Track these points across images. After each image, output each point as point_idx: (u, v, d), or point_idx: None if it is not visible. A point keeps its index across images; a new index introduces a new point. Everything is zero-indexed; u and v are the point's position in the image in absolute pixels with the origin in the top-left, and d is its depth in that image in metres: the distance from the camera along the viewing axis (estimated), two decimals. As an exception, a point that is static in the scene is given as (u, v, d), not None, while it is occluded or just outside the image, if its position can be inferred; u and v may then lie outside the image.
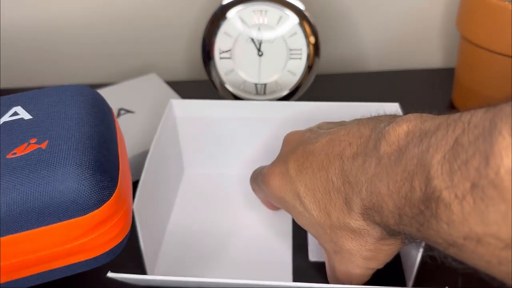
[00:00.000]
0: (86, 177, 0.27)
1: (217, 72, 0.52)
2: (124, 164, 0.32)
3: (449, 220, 0.22)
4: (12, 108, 0.32)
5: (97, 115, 0.32)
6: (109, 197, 0.28)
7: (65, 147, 0.28)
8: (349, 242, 0.29)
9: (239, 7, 0.48)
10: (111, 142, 0.32)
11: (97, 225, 0.28)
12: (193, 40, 0.61)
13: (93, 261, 0.29)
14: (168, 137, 0.43)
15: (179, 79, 0.62)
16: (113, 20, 0.60)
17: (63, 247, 0.28)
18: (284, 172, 0.32)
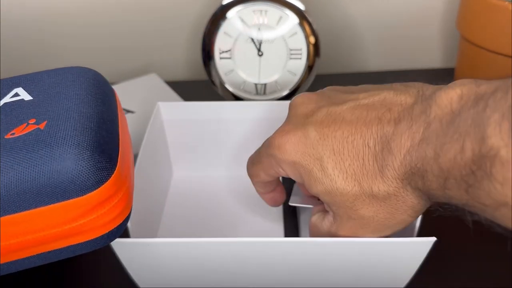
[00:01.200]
0: (84, 157, 0.27)
1: (217, 72, 0.52)
2: (125, 145, 0.32)
3: (504, 179, 0.21)
4: (13, 89, 0.32)
5: (98, 96, 0.32)
6: (108, 178, 0.28)
7: (63, 127, 0.28)
8: (372, 208, 0.28)
9: (239, 7, 0.48)
10: (112, 123, 0.31)
11: (95, 206, 0.28)
12: (193, 40, 0.61)
13: (93, 243, 0.29)
14: (156, 140, 0.43)
15: (179, 79, 0.62)
16: (113, 20, 0.60)
17: (62, 228, 0.27)
18: (301, 136, 0.30)
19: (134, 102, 0.52)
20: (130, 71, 0.62)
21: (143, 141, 0.39)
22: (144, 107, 0.51)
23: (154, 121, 0.42)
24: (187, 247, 0.32)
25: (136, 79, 0.56)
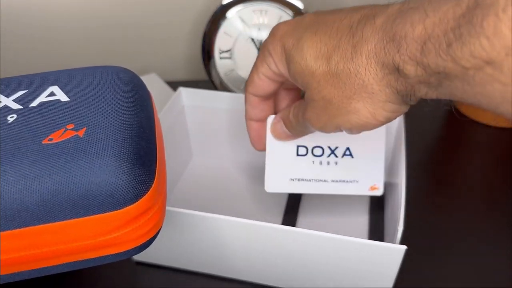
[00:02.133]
0: (124, 170, 0.26)
1: (217, 72, 0.52)
2: (161, 155, 0.31)
3: (495, 32, 0.19)
4: (49, 87, 0.31)
5: (137, 102, 0.31)
6: (146, 192, 0.27)
7: (103, 136, 0.27)
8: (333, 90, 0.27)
9: (239, 7, 0.48)
10: (150, 131, 0.30)
11: (132, 219, 0.27)
12: (193, 40, 0.61)
13: (123, 254, 0.28)
14: (173, 123, 0.44)
15: (179, 79, 0.62)
16: (113, 20, 0.60)
17: (95, 240, 0.27)
18: (297, 20, 0.30)
19: (134, 102, 0.52)
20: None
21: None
22: (144, 107, 0.51)
23: (173, 104, 0.44)
24: (181, 218, 0.33)
25: (136, 79, 0.56)
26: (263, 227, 0.32)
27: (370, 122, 0.27)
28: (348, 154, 0.38)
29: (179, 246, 0.36)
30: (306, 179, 0.38)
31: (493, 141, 0.51)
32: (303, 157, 0.37)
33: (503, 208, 0.43)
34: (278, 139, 0.37)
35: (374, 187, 0.38)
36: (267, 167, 0.37)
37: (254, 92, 0.34)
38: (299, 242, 0.32)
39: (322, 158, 0.38)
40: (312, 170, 0.37)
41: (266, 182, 0.37)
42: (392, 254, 0.31)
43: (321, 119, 0.29)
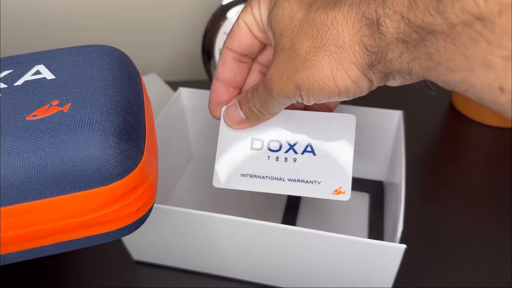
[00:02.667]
0: (110, 144, 0.25)
1: (217, 72, 0.52)
2: (150, 132, 0.30)
3: None
4: (35, 66, 0.30)
5: (124, 78, 0.30)
6: (134, 168, 0.26)
7: (88, 111, 0.26)
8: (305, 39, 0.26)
9: (239, 7, 0.48)
10: (138, 107, 0.29)
11: (120, 196, 0.26)
12: (193, 40, 0.61)
13: (114, 234, 0.28)
14: (172, 123, 0.44)
15: (179, 79, 0.62)
16: (113, 20, 0.60)
17: (83, 218, 0.26)
18: None
19: (134, 102, 0.52)
20: (130, 71, 0.62)
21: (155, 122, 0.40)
22: (144, 107, 0.51)
23: (173, 104, 0.44)
24: (181, 217, 0.33)
25: (136, 79, 0.56)
26: (263, 226, 0.32)
27: (328, 84, 0.25)
28: (310, 151, 0.33)
29: (179, 245, 0.36)
30: (259, 176, 0.33)
31: (493, 141, 0.51)
32: (257, 151, 0.34)
33: (503, 208, 0.43)
34: (231, 125, 0.33)
35: (339, 190, 0.33)
36: (217, 160, 0.34)
37: (230, 44, 0.32)
38: (299, 241, 0.32)
39: (279, 154, 0.33)
40: (267, 167, 0.33)
41: (215, 176, 0.34)
42: (392, 253, 0.31)
43: (282, 75, 0.27)
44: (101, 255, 0.40)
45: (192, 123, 0.47)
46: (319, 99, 0.27)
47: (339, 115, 0.33)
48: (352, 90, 0.26)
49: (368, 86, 0.26)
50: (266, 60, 0.32)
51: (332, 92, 0.26)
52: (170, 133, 0.44)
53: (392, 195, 0.39)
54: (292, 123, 0.33)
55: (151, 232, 0.36)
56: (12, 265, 0.39)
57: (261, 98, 0.30)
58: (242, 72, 0.33)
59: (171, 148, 0.45)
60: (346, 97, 0.26)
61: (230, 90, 0.34)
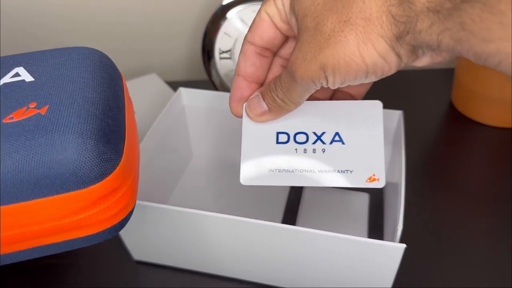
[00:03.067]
0: (87, 147, 0.25)
1: (217, 72, 0.52)
2: (131, 135, 0.30)
3: None
4: (14, 68, 0.30)
5: (104, 80, 0.29)
6: (112, 170, 0.26)
7: (66, 113, 0.26)
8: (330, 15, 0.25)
9: (239, 7, 0.49)
10: (118, 110, 0.29)
11: (98, 199, 0.26)
12: (193, 40, 0.61)
13: (94, 237, 0.27)
14: (172, 123, 0.44)
15: (179, 79, 0.62)
16: (113, 20, 0.60)
17: (61, 221, 0.26)
18: None
19: (134, 102, 0.52)
20: (130, 71, 0.62)
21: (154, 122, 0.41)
22: (145, 107, 0.51)
23: (173, 104, 0.44)
24: (182, 216, 0.33)
25: (136, 79, 0.56)
26: (263, 226, 0.32)
27: (355, 60, 0.24)
28: (338, 140, 0.32)
29: (179, 245, 0.36)
30: (288, 170, 0.32)
31: (493, 141, 0.51)
32: (283, 145, 0.32)
33: (503, 208, 0.43)
34: (254, 117, 0.32)
35: (373, 178, 0.32)
36: (243, 157, 0.33)
37: (251, 38, 0.31)
38: (299, 240, 0.32)
39: (306, 146, 0.32)
40: (296, 159, 0.32)
41: (242, 174, 0.32)
42: (392, 253, 0.31)
43: (306, 56, 0.26)
44: (101, 255, 0.40)
45: (192, 123, 0.47)
46: (344, 80, 0.25)
47: (364, 102, 0.32)
48: (380, 66, 0.24)
49: (397, 63, 0.24)
50: (288, 53, 0.32)
51: (359, 70, 0.24)
52: (170, 133, 0.44)
53: (392, 195, 0.39)
54: (317, 114, 0.32)
55: (151, 232, 0.36)
56: (12, 265, 0.39)
57: (284, 85, 0.29)
58: (263, 66, 0.32)
59: (171, 148, 0.45)
60: (373, 76, 0.25)
61: (252, 85, 0.32)
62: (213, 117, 0.46)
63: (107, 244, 0.40)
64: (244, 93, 0.33)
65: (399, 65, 0.25)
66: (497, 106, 0.51)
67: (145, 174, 0.39)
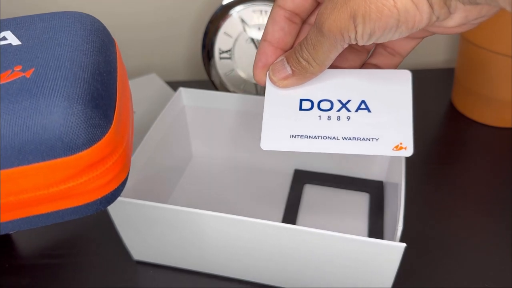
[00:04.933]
0: (74, 111, 0.23)
1: (217, 72, 0.52)
2: (123, 101, 0.29)
3: None
4: (1, 32, 0.29)
5: (95, 44, 0.28)
6: (101, 137, 0.25)
7: (52, 76, 0.25)
8: None
9: (239, 7, 0.49)
10: (109, 75, 0.28)
11: (87, 167, 0.25)
12: (193, 40, 0.61)
13: (84, 209, 0.26)
14: (171, 123, 0.44)
15: (179, 79, 0.62)
16: (113, 20, 0.60)
17: (48, 190, 0.24)
18: None
19: (134, 102, 0.52)
20: (130, 71, 0.62)
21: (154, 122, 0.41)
22: (144, 107, 0.51)
23: (173, 104, 0.43)
24: (182, 216, 0.33)
25: (136, 79, 0.56)
26: (264, 225, 0.32)
27: (387, 5, 0.23)
28: (364, 108, 0.31)
29: (179, 245, 0.36)
30: (311, 136, 0.31)
31: (493, 141, 0.51)
32: (307, 112, 0.31)
33: (503, 208, 0.43)
34: (277, 81, 0.31)
35: (401, 146, 0.30)
36: (264, 121, 0.32)
37: (282, 2, 0.30)
38: (300, 240, 0.32)
39: (330, 113, 0.31)
40: (319, 126, 0.31)
41: (262, 138, 0.31)
42: (392, 252, 0.31)
43: (335, 5, 0.25)
44: (102, 255, 0.40)
45: (192, 123, 0.47)
46: (374, 30, 0.25)
47: (393, 71, 0.31)
48: (412, 14, 0.24)
49: (429, 13, 0.24)
50: None
51: (390, 16, 0.24)
52: (170, 133, 0.44)
53: (392, 195, 0.39)
54: (343, 82, 0.31)
55: (151, 231, 0.36)
56: (12, 265, 0.39)
57: (310, 43, 0.28)
58: (292, 32, 0.31)
59: (171, 148, 0.45)
60: (404, 27, 0.24)
61: (278, 51, 0.31)
62: (213, 117, 0.46)
63: (107, 244, 0.40)
64: (269, 59, 0.31)
65: (431, 17, 0.24)
66: (497, 106, 0.51)
67: (145, 174, 0.39)
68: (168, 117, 0.43)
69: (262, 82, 0.32)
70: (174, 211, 0.33)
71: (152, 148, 0.40)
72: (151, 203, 0.33)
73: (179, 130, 0.46)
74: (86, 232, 0.42)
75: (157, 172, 0.42)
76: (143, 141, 0.39)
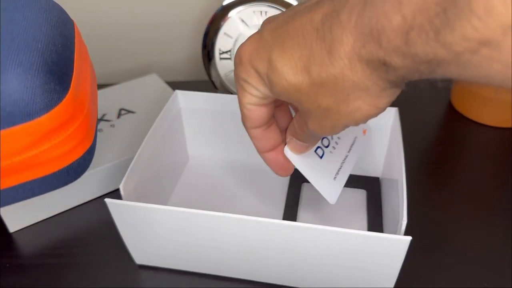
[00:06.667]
0: (28, 77, 0.24)
1: (217, 72, 0.52)
2: (82, 71, 0.29)
3: (486, 11, 0.18)
4: None
5: (50, 20, 0.29)
6: (59, 102, 0.25)
7: (5, 47, 0.25)
8: (325, 98, 0.26)
9: (240, 8, 0.49)
10: (64, 46, 0.28)
11: (47, 133, 0.25)
12: (193, 40, 0.61)
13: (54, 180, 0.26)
14: (169, 126, 0.44)
15: (180, 80, 0.63)
16: (113, 21, 0.60)
17: (11, 160, 0.24)
18: (257, 41, 0.28)
19: (134, 102, 0.52)
20: (130, 71, 0.62)
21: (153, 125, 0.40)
22: (145, 107, 0.51)
23: (170, 107, 0.43)
24: (182, 216, 0.33)
25: (136, 79, 0.56)
26: (268, 223, 0.32)
27: (374, 112, 0.27)
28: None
29: (181, 247, 0.36)
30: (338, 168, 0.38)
31: (492, 141, 0.51)
32: (323, 156, 0.37)
33: (502, 208, 0.43)
34: (300, 153, 0.35)
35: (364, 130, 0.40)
36: (315, 184, 0.36)
37: (251, 125, 0.32)
38: (304, 237, 0.32)
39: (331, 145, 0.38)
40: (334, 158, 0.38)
41: (326, 197, 0.37)
42: (397, 246, 0.31)
43: (326, 125, 0.28)
44: (103, 255, 0.40)
45: (188, 126, 0.47)
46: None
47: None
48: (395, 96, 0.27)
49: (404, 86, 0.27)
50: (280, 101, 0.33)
51: (379, 112, 0.27)
52: (167, 137, 0.43)
53: (391, 191, 0.39)
54: None
55: (152, 234, 0.36)
56: (13, 265, 0.39)
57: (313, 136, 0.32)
58: (275, 131, 0.34)
59: (169, 151, 0.44)
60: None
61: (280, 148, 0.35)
62: (209, 119, 0.46)
63: (108, 244, 0.40)
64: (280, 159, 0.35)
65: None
66: (496, 106, 0.51)
67: (145, 177, 0.39)
68: (166, 121, 0.43)
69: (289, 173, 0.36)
70: (174, 212, 0.33)
71: (150, 152, 0.40)
72: (152, 205, 0.33)
73: (176, 133, 0.46)
74: (87, 232, 0.42)
75: (156, 175, 0.41)
76: (141, 146, 0.38)
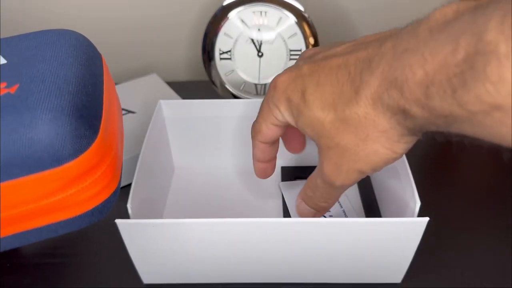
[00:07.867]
0: (58, 123, 0.24)
1: (217, 72, 0.52)
2: (110, 112, 0.29)
3: (500, 78, 0.20)
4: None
5: (79, 58, 0.29)
6: (88, 147, 0.25)
7: (36, 90, 0.25)
8: (345, 136, 0.28)
9: (239, 8, 0.49)
10: (94, 87, 0.28)
11: (75, 178, 0.25)
12: (193, 41, 0.62)
13: (78, 221, 0.26)
14: (157, 137, 0.43)
15: (180, 80, 0.63)
16: (114, 21, 0.60)
17: (38, 204, 0.24)
18: (295, 73, 0.31)
19: (135, 102, 0.52)
20: (131, 71, 0.62)
21: (145, 139, 0.39)
22: (145, 107, 0.51)
23: (156, 118, 0.42)
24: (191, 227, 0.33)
25: (136, 79, 0.56)
26: (266, 223, 0.32)
27: (391, 156, 0.28)
28: None
29: (183, 259, 0.35)
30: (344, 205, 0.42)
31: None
32: None
33: (502, 208, 0.43)
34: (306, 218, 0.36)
35: None
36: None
37: (262, 140, 0.35)
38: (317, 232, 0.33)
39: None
40: None
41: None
42: (414, 228, 0.31)
43: (341, 169, 0.29)
44: (103, 255, 0.40)
45: (172, 135, 0.46)
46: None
47: None
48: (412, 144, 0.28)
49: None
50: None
51: (396, 158, 0.28)
52: (156, 148, 0.43)
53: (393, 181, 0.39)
54: None
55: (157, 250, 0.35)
56: (13, 265, 0.39)
57: (324, 193, 0.32)
58: (276, 148, 0.37)
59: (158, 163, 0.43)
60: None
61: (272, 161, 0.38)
62: (193, 126, 0.45)
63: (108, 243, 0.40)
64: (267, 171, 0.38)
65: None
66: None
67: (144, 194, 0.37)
68: (153, 133, 0.42)
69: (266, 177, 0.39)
70: (174, 225, 0.33)
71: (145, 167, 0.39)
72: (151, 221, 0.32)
73: (162, 143, 0.45)
74: (88, 231, 0.42)
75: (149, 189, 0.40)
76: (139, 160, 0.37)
